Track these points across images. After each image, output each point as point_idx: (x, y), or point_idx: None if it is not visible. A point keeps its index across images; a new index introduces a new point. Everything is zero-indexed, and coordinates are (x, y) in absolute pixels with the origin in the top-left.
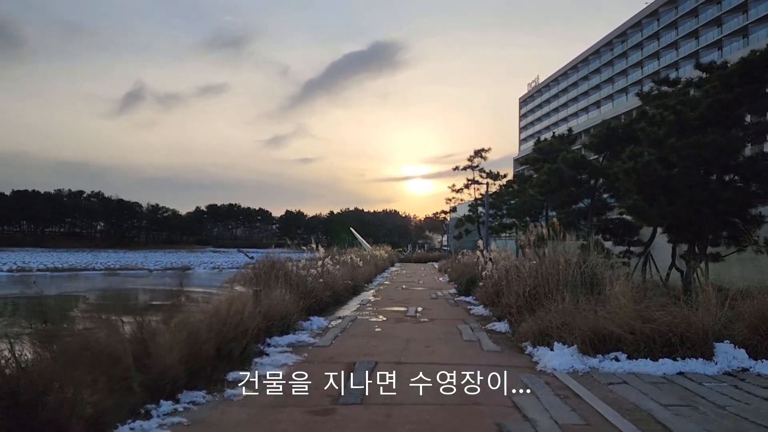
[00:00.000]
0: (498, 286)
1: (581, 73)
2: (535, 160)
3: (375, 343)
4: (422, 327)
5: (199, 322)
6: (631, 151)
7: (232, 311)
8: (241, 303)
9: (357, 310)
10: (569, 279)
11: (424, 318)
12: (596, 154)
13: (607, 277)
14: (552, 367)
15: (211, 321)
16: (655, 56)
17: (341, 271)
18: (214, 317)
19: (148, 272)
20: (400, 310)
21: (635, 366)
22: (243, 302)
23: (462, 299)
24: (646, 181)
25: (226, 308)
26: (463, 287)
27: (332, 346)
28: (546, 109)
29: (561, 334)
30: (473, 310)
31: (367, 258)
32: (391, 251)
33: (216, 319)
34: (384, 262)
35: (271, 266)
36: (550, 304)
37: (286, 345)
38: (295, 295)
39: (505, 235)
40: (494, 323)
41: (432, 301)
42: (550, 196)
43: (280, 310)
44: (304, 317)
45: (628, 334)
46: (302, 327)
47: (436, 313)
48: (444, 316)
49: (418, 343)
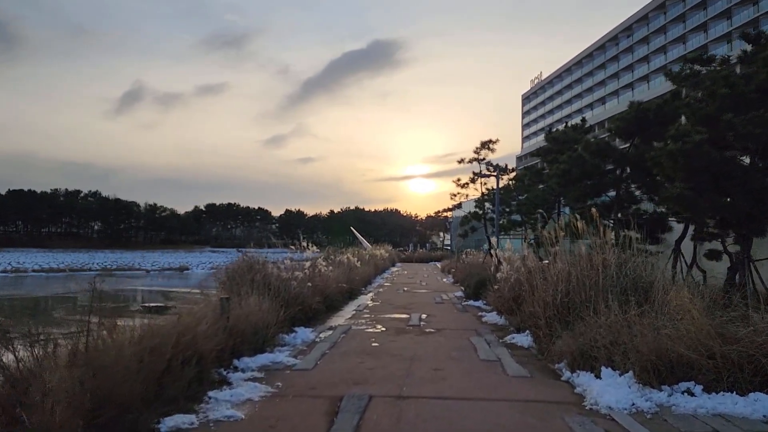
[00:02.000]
0: (516, 290)
1: (585, 69)
2: (547, 151)
3: (370, 364)
4: (428, 340)
5: (118, 350)
6: (677, 130)
7: (177, 330)
8: (194, 318)
9: (352, 317)
10: (613, 283)
11: (429, 328)
12: (623, 140)
13: (658, 280)
14: (606, 404)
15: (142, 347)
16: (662, 50)
17: (336, 272)
18: (147, 341)
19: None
20: (402, 317)
21: (719, 403)
22: (197, 317)
23: (471, 304)
24: (696, 166)
25: (170, 327)
26: (471, 290)
27: (316, 370)
28: (549, 106)
29: (610, 357)
30: (486, 317)
31: (365, 258)
32: (391, 251)
33: (152, 343)
34: (384, 262)
35: (248, 269)
36: (589, 315)
37: (257, 368)
38: (275, 303)
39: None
40: (513, 335)
41: (437, 306)
42: (569, 188)
43: (255, 323)
44: (287, 329)
45: (705, 359)
46: (283, 342)
47: (443, 321)
48: (452, 326)
49: (424, 363)
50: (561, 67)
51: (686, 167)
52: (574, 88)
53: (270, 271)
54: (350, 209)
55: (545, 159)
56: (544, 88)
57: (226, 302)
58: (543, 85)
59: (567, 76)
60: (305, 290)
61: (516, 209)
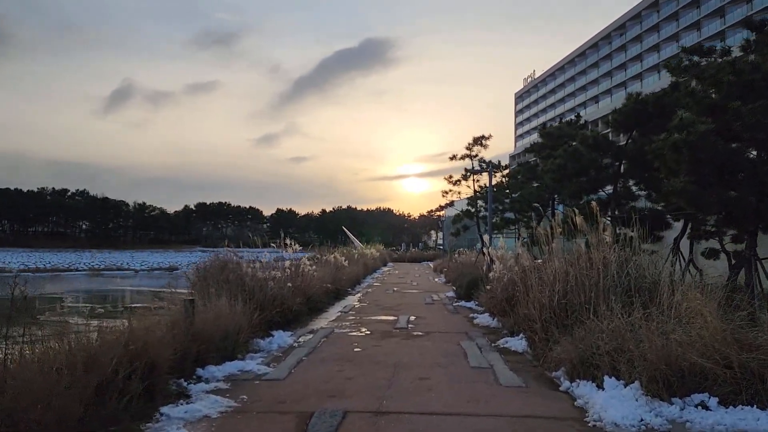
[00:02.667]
0: (510, 291)
1: (578, 67)
2: (541, 147)
3: (350, 372)
4: (415, 345)
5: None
6: (681, 120)
7: (126, 338)
8: (149, 323)
9: (336, 320)
10: (614, 284)
11: (417, 331)
12: (621, 133)
13: (664, 280)
14: (611, 419)
15: (72, 359)
16: (656, 49)
17: (321, 272)
18: (80, 352)
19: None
20: (389, 319)
21: (739, 419)
22: (153, 321)
23: (462, 305)
24: (702, 158)
25: (117, 334)
26: (462, 290)
27: (289, 380)
28: (542, 104)
29: (614, 365)
30: (477, 319)
31: (354, 257)
32: (383, 250)
33: (87, 353)
34: (375, 261)
35: (220, 268)
36: (590, 318)
37: (223, 378)
38: (249, 305)
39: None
40: (507, 339)
41: (427, 307)
42: (565, 183)
43: (225, 327)
44: (263, 333)
45: (722, 368)
46: (257, 347)
47: (432, 323)
48: (442, 328)
49: (410, 371)
50: (554, 66)
51: (691, 159)
52: (567, 87)
53: (245, 270)
54: (342, 209)
55: (539, 155)
56: (538, 86)
57: (191, 304)
58: (536, 83)
59: (560, 74)
60: (285, 291)
61: (509, 207)
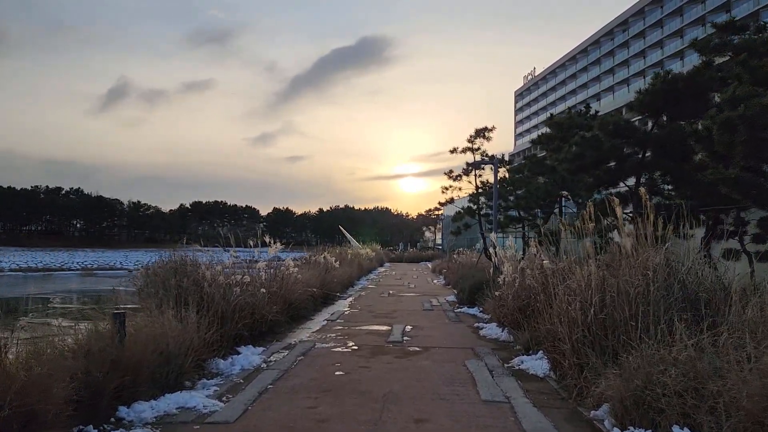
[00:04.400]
0: (524, 298)
1: (580, 64)
2: (549, 138)
3: (325, 409)
4: (411, 366)
5: None
6: (735, 93)
7: None
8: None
9: (320, 330)
10: (667, 294)
11: (414, 345)
12: (647, 117)
13: (734, 289)
14: None
15: None
16: (659, 45)
17: (307, 274)
18: None
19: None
20: (381, 330)
21: None
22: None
23: (465, 311)
24: (765, 137)
25: None
26: (465, 295)
27: (239, 424)
28: (543, 102)
29: (687, 412)
30: (484, 330)
31: (347, 258)
32: (379, 250)
33: None
34: (371, 262)
35: (172, 272)
36: (639, 340)
37: (152, 420)
38: (207, 317)
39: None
40: (522, 358)
41: (425, 314)
42: (581, 175)
43: (170, 347)
44: (226, 350)
45: None
46: (214, 370)
47: (431, 335)
48: (443, 342)
49: (403, 408)
50: (555, 63)
51: (751, 139)
52: (568, 85)
53: (203, 274)
54: (340, 208)
55: (546, 147)
56: (538, 84)
57: (120, 319)
58: (536, 81)
59: (561, 71)
60: (258, 298)
61: (514, 204)
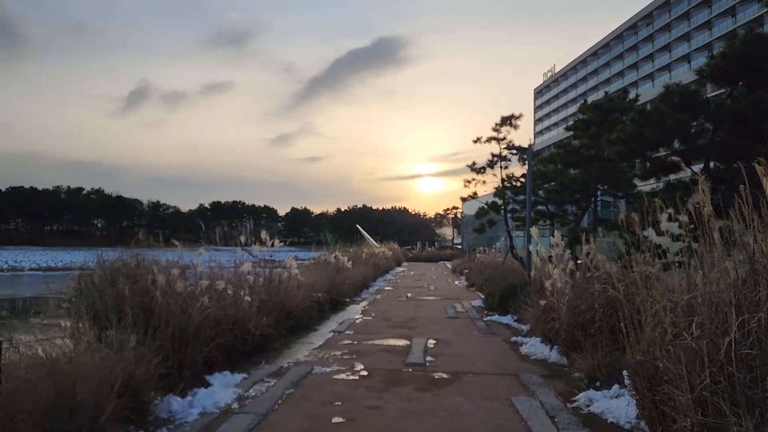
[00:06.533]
0: (587, 312)
1: (602, 60)
2: (587, 124)
3: None
4: (438, 406)
5: None
6: None
7: None
8: None
9: (323, 346)
10: None
11: (440, 370)
12: (720, 85)
13: None
14: None
15: None
16: (686, 38)
17: (312, 276)
18: None
19: None
20: (398, 345)
21: None
22: None
23: (496, 319)
24: None
25: None
26: (495, 300)
27: None
28: (563, 99)
29: None
30: (525, 346)
31: (361, 257)
32: (397, 249)
33: None
34: (388, 261)
35: (111, 281)
36: None
37: None
38: (155, 339)
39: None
40: (590, 394)
41: (450, 323)
42: (635, 159)
43: (76, 389)
44: (189, 383)
45: None
46: (162, 416)
47: (460, 353)
48: (477, 363)
49: None
50: (576, 59)
51: None
52: (589, 81)
53: (152, 281)
54: (357, 207)
55: (584, 134)
56: (558, 81)
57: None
58: (557, 78)
59: (582, 68)
60: (242, 308)
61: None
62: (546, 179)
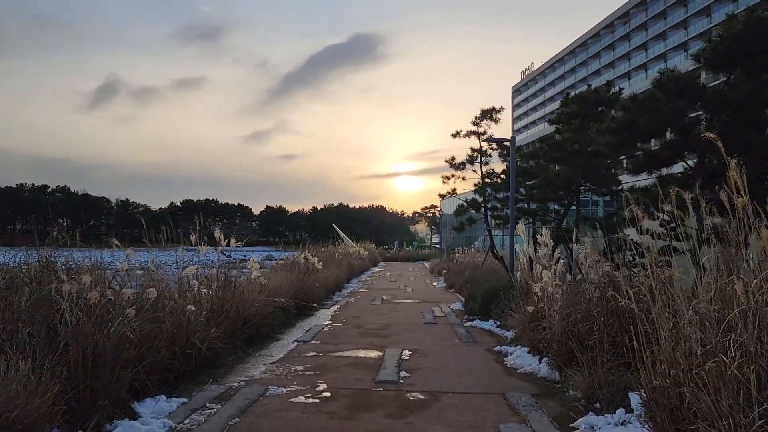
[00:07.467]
0: (584, 321)
1: (579, 59)
2: (571, 116)
3: None
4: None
5: None
6: None
7: None
8: None
9: (282, 360)
10: None
11: (415, 389)
12: (717, 71)
13: None
14: None
15: None
16: (662, 37)
17: (277, 279)
18: None
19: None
20: (369, 357)
21: None
22: None
23: (477, 325)
24: None
25: None
26: (476, 304)
27: None
28: (541, 98)
29: None
30: (510, 357)
31: (335, 258)
32: (373, 248)
33: None
34: (363, 261)
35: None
36: None
37: None
38: (60, 364)
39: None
40: (591, 419)
41: (427, 329)
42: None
43: None
44: (108, 414)
45: None
46: None
47: (439, 367)
48: (459, 380)
49: None
50: (553, 57)
51: None
52: (567, 79)
53: (59, 289)
54: (334, 206)
55: (568, 128)
56: (536, 79)
57: None
58: (534, 76)
59: (560, 66)
60: (182, 319)
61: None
62: (528, 176)
